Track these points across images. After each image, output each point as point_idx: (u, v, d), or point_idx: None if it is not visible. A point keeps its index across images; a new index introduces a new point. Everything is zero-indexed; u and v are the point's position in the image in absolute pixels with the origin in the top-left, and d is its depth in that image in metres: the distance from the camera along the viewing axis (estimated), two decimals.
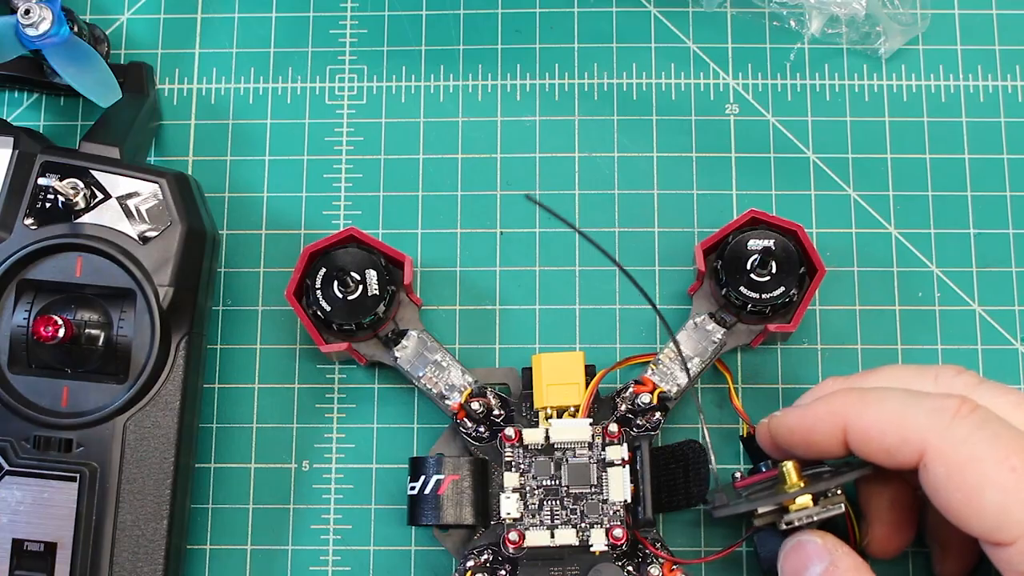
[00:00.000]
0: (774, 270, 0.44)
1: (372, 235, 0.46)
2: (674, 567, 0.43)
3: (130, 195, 0.44)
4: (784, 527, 0.39)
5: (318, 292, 0.44)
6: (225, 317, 0.49)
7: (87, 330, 0.43)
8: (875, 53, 0.51)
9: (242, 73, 0.52)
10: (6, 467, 0.42)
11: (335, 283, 0.44)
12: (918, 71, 0.51)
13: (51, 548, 0.42)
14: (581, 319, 0.49)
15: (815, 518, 0.39)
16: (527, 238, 0.49)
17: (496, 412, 0.45)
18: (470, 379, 0.45)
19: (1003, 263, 0.49)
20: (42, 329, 0.42)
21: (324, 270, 0.45)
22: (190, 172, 0.50)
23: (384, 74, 0.51)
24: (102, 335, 0.43)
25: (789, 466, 0.40)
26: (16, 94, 0.51)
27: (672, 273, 0.49)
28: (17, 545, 0.42)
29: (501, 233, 0.50)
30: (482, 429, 0.45)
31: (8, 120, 0.49)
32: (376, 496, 0.47)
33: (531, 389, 0.45)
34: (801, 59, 0.51)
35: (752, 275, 0.44)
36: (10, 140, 0.45)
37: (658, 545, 0.44)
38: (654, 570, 0.43)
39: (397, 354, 0.46)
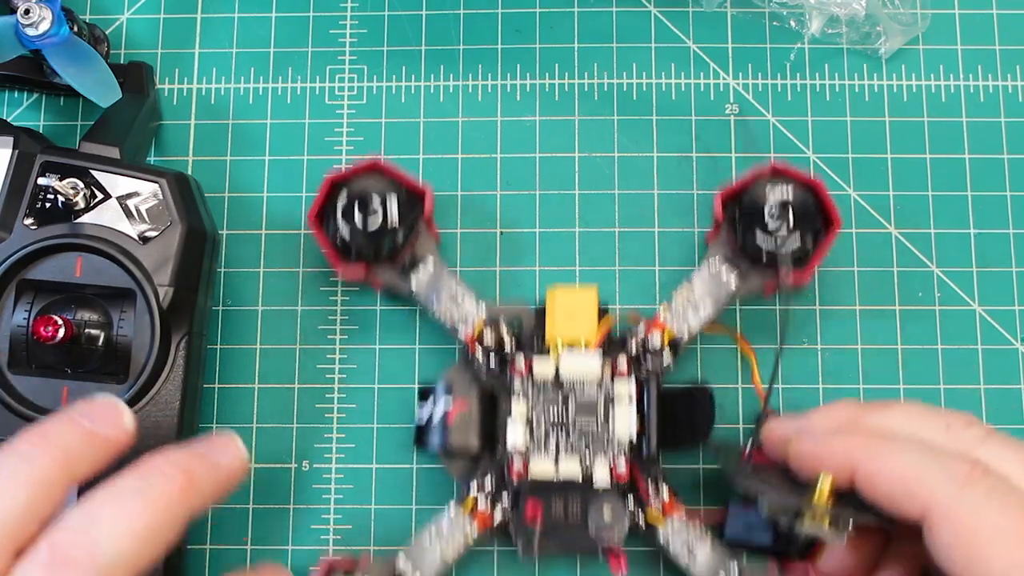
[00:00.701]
0: (791, 221, 0.44)
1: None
2: (673, 504, 0.44)
3: (130, 195, 0.44)
4: (784, 527, 0.40)
5: (339, 218, 0.45)
6: (225, 317, 0.49)
7: (87, 330, 0.43)
8: (875, 53, 0.51)
9: (242, 73, 0.52)
10: None
11: (356, 210, 0.45)
12: (918, 71, 0.51)
13: None
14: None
15: (823, 535, 0.39)
16: (528, 238, 0.49)
17: (508, 344, 0.45)
18: (484, 310, 0.46)
19: (1003, 263, 0.49)
20: (42, 329, 0.42)
21: (346, 197, 0.45)
22: (190, 172, 0.50)
23: (384, 74, 0.51)
24: (102, 335, 0.43)
25: (826, 484, 0.39)
26: (16, 94, 0.51)
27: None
28: None
29: (501, 233, 0.50)
30: (493, 360, 0.45)
31: (8, 120, 0.49)
32: (376, 496, 0.47)
33: (543, 323, 0.45)
34: (801, 59, 0.51)
35: (769, 224, 0.44)
36: (10, 140, 0.45)
37: (660, 480, 0.44)
38: (655, 505, 0.44)
39: (413, 282, 0.46)
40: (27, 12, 0.44)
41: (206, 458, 0.38)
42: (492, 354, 0.45)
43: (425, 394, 0.46)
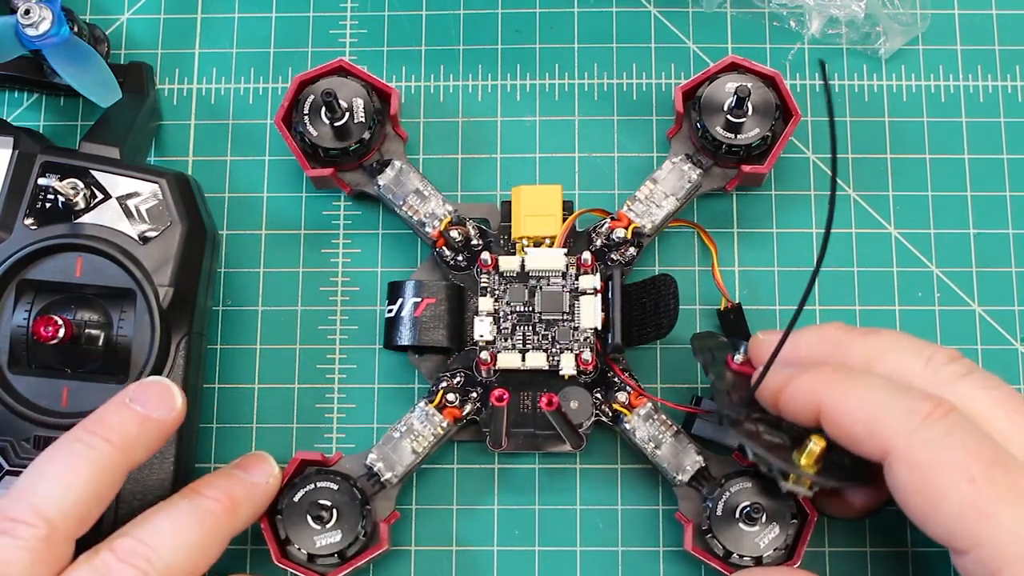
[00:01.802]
0: (750, 112, 0.45)
1: (358, 67, 0.47)
2: (640, 395, 0.45)
3: (130, 195, 0.44)
4: (765, 472, 0.41)
5: (306, 118, 0.46)
6: (225, 317, 0.49)
7: (87, 330, 0.43)
8: (875, 53, 0.51)
9: (242, 73, 0.52)
10: (6, 467, 0.42)
11: (323, 110, 0.45)
12: (918, 71, 0.51)
13: None
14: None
15: (803, 494, 0.41)
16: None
17: (475, 241, 0.47)
18: (450, 208, 0.47)
19: (1003, 263, 0.49)
20: (42, 329, 0.42)
21: (312, 97, 0.46)
22: (190, 172, 0.50)
23: (384, 74, 0.51)
24: (102, 335, 0.43)
25: (817, 446, 0.39)
26: (16, 94, 0.51)
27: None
28: None
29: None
30: (460, 257, 0.46)
31: (8, 120, 0.49)
32: None
33: (509, 221, 0.47)
34: (801, 59, 0.51)
35: (728, 116, 0.45)
36: (10, 140, 0.45)
37: (626, 374, 0.45)
38: (621, 396, 0.45)
39: (380, 181, 0.47)
40: (27, 12, 0.44)
41: (245, 481, 0.42)
42: (459, 250, 0.46)
43: (394, 291, 0.46)
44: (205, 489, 0.41)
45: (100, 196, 0.44)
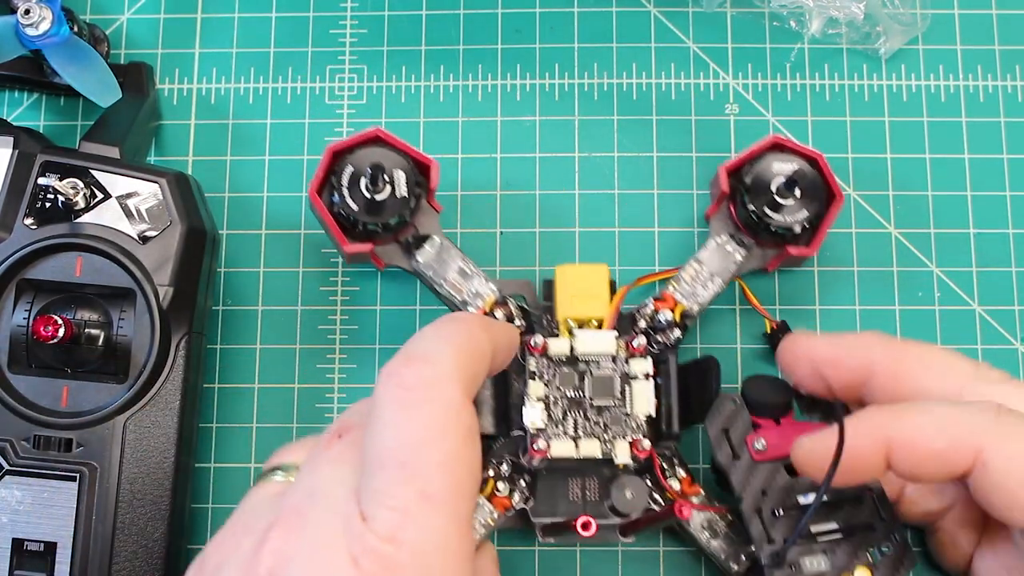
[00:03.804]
0: (799, 194, 0.44)
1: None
2: (693, 482, 0.44)
3: (130, 195, 0.44)
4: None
5: (344, 191, 0.43)
6: (225, 317, 0.49)
7: (87, 330, 0.43)
8: (875, 53, 0.51)
9: (242, 73, 0.52)
10: (6, 467, 0.42)
11: (363, 181, 0.43)
12: (918, 71, 0.51)
13: (51, 548, 0.42)
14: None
15: None
16: (527, 238, 0.49)
17: (517, 322, 0.45)
18: (493, 287, 0.45)
19: (1003, 263, 0.49)
20: (42, 329, 0.42)
21: (352, 169, 0.44)
22: (190, 172, 0.50)
23: (384, 74, 0.51)
24: (102, 335, 0.43)
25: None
26: (16, 94, 0.51)
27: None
28: (17, 545, 0.42)
29: (501, 233, 0.50)
30: (516, 353, 0.44)
31: (8, 120, 0.49)
32: None
33: (551, 301, 0.45)
34: (801, 59, 0.51)
35: (776, 197, 0.44)
36: (10, 140, 0.45)
37: (676, 461, 0.44)
38: (674, 484, 0.43)
39: (419, 259, 0.45)
40: (27, 12, 0.44)
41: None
42: None
43: None
44: None
45: (100, 196, 0.44)
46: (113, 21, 0.52)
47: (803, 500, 0.41)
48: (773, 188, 0.44)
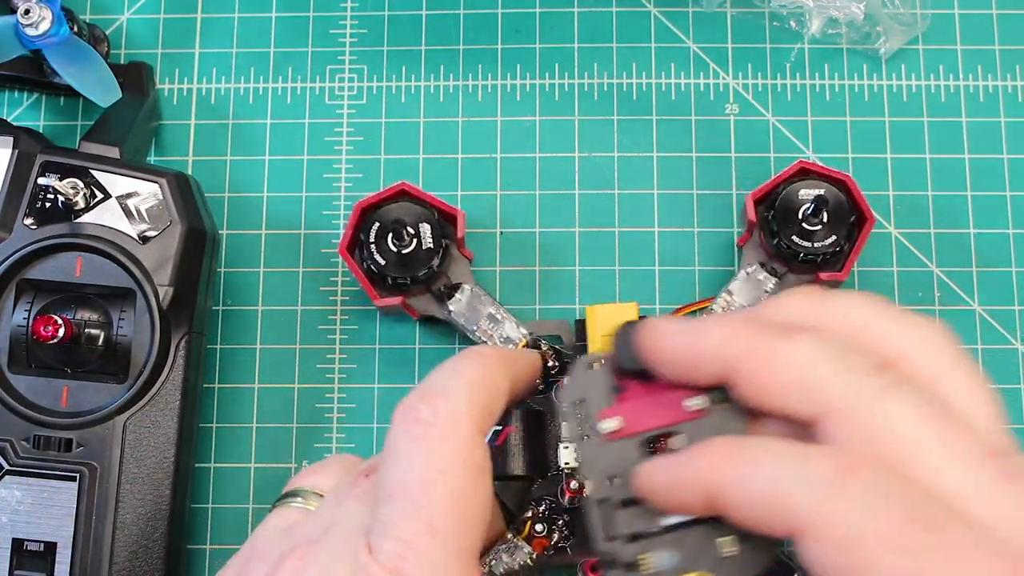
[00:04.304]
0: (826, 219, 0.44)
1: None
2: None
3: (130, 195, 0.44)
4: None
5: (372, 246, 0.45)
6: (225, 317, 0.49)
7: (87, 330, 0.43)
8: (875, 53, 0.51)
9: (242, 73, 0.52)
10: (6, 467, 0.42)
11: (390, 237, 0.44)
12: (918, 71, 0.51)
13: (51, 548, 0.42)
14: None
15: None
16: (527, 238, 0.49)
17: (551, 363, 0.45)
18: (524, 331, 0.46)
19: (1003, 263, 0.49)
20: (42, 329, 0.42)
21: (378, 224, 0.45)
22: (190, 172, 0.50)
23: (384, 74, 0.51)
24: (102, 335, 0.43)
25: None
26: (16, 94, 0.51)
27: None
28: (17, 545, 0.42)
29: (501, 233, 0.50)
30: (537, 381, 0.45)
31: (8, 120, 0.49)
32: None
33: (584, 341, 0.45)
34: (801, 59, 0.51)
35: (804, 224, 0.44)
36: (10, 140, 0.45)
37: None
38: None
39: (451, 307, 0.46)
40: (27, 12, 0.44)
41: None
42: None
43: None
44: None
45: (100, 196, 0.44)
46: (113, 21, 0.52)
47: None
48: (800, 214, 0.44)
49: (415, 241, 0.45)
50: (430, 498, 0.31)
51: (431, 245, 0.45)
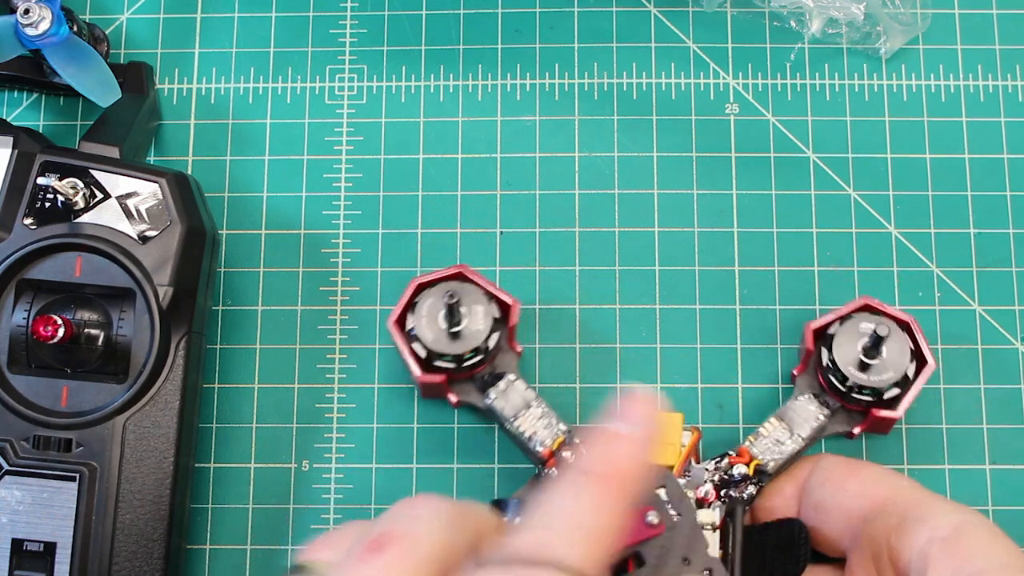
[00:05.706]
0: (884, 354, 0.43)
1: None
2: None
3: (130, 195, 0.44)
4: None
5: (423, 322, 0.44)
6: (225, 317, 0.49)
7: (87, 330, 0.43)
8: (875, 53, 0.51)
9: (242, 73, 0.52)
10: (6, 467, 0.42)
11: (442, 314, 0.44)
12: (918, 71, 0.51)
13: (51, 548, 0.42)
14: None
15: None
16: (527, 238, 0.49)
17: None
18: (563, 427, 0.44)
19: (1003, 263, 0.49)
20: (42, 329, 0.42)
21: (431, 300, 0.44)
22: (190, 172, 0.50)
23: (384, 74, 0.51)
24: (102, 335, 0.43)
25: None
26: (16, 94, 0.51)
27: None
28: (17, 545, 0.42)
29: (501, 233, 0.50)
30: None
31: (8, 120, 0.49)
32: (376, 496, 0.47)
33: None
34: (801, 59, 0.51)
35: (862, 357, 0.43)
36: (10, 140, 0.45)
37: None
38: None
39: (492, 395, 0.45)
40: (27, 12, 0.44)
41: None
42: None
43: (499, 508, 0.43)
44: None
45: (100, 196, 0.44)
46: (113, 21, 0.52)
47: None
48: (859, 347, 0.43)
49: (466, 321, 0.44)
50: None
51: (480, 326, 0.44)
